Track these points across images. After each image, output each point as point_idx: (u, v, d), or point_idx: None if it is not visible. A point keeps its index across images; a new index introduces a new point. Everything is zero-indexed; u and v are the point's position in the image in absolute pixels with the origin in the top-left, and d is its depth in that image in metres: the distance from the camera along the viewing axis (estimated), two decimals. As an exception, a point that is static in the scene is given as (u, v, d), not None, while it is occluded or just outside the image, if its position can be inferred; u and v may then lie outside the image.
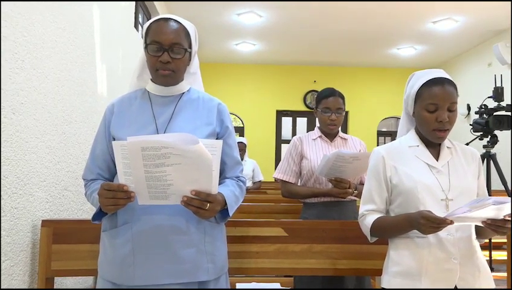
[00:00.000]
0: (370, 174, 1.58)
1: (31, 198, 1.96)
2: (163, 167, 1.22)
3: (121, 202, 1.30)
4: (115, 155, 1.28)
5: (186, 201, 1.28)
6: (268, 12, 5.79)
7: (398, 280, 1.48)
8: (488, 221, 1.33)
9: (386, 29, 6.38)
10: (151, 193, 1.28)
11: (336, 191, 2.29)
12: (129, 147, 1.21)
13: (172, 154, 1.20)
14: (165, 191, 1.27)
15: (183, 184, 1.26)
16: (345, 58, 8.02)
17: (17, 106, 1.82)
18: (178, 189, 1.27)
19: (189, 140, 1.21)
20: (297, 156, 2.45)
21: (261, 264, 2.03)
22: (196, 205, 1.29)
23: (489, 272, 1.51)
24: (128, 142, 1.21)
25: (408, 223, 1.42)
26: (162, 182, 1.25)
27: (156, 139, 1.21)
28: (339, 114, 2.41)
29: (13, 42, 1.79)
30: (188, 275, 1.40)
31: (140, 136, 1.24)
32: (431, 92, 1.48)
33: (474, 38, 6.65)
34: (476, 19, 5.83)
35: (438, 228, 1.33)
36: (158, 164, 1.21)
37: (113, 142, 1.29)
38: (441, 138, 1.50)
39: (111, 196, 1.29)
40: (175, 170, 1.23)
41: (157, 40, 1.43)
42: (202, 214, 1.32)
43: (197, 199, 1.29)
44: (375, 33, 6.53)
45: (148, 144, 1.19)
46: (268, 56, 7.95)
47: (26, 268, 1.93)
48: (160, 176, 1.24)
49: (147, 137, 1.23)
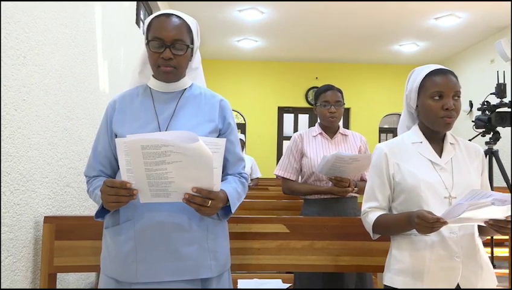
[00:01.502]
0: (372, 171, 1.58)
1: (33, 194, 1.97)
2: (164, 165, 1.22)
3: (123, 199, 1.29)
4: (117, 152, 1.28)
5: (187, 198, 1.28)
6: (270, 8, 5.78)
7: (401, 277, 1.48)
8: (491, 221, 1.33)
9: (388, 26, 6.35)
10: (153, 191, 1.28)
11: (336, 189, 2.29)
12: (129, 145, 1.20)
13: (173, 152, 1.20)
14: (167, 188, 1.27)
15: (184, 181, 1.26)
16: (347, 54, 8.00)
17: (19, 102, 1.82)
18: (179, 186, 1.27)
19: (188, 138, 1.20)
20: (298, 153, 2.45)
21: (262, 261, 2.04)
22: (198, 202, 1.29)
23: (492, 270, 1.51)
24: (128, 140, 1.21)
25: (407, 222, 1.41)
26: (163, 180, 1.25)
27: (155, 137, 1.21)
28: (338, 106, 2.42)
29: (15, 39, 1.79)
30: (190, 272, 1.40)
31: (140, 134, 1.23)
32: (435, 81, 1.47)
33: (477, 34, 6.62)
34: (479, 15, 5.80)
35: (433, 228, 1.32)
36: (158, 161, 1.21)
37: (116, 139, 1.28)
38: (449, 124, 1.47)
39: (113, 193, 1.29)
40: (176, 167, 1.22)
41: (159, 36, 1.42)
42: (204, 211, 1.32)
43: (198, 196, 1.28)
44: (377, 29, 6.51)
45: (148, 142, 1.19)
46: (270, 53, 7.93)
47: (28, 264, 1.94)
48: (161, 173, 1.23)
49: (146, 135, 1.23)
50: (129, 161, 1.25)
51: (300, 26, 6.44)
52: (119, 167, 1.29)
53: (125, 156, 1.26)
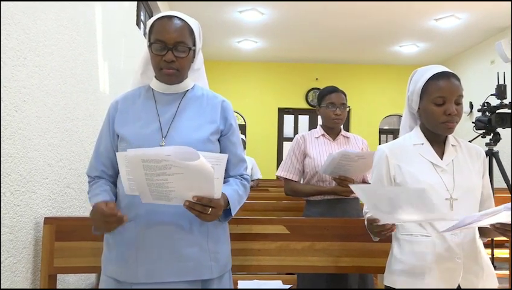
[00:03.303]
0: (374, 172, 1.58)
1: (34, 195, 1.97)
2: (165, 176, 1.22)
3: (113, 226, 1.31)
4: (118, 165, 1.30)
5: (188, 205, 1.29)
6: (270, 9, 5.78)
7: (402, 278, 1.48)
8: (497, 225, 1.33)
9: (389, 27, 6.36)
10: (154, 195, 1.29)
11: (339, 189, 2.29)
12: (129, 159, 1.21)
13: (173, 166, 1.20)
14: (168, 195, 1.28)
15: (185, 191, 1.26)
16: (347, 55, 8.01)
17: (19, 103, 1.82)
18: (180, 194, 1.28)
19: (189, 154, 1.20)
20: (300, 154, 2.45)
21: (263, 262, 2.03)
22: (198, 209, 1.29)
23: (493, 271, 1.50)
24: (129, 155, 1.21)
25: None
26: (164, 188, 1.25)
27: (156, 152, 1.20)
28: (343, 108, 2.43)
29: (15, 40, 1.79)
30: (191, 273, 1.40)
31: (140, 149, 1.23)
32: (438, 85, 1.47)
33: (477, 35, 6.63)
34: (479, 16, 5.80)
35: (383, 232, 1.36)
36: (159, 173, 1.21)
37: (117, 153, 1.30)
38: (451, 129, 1.48)
39: (102, 220, 1.30)
40: (176, 179, 1.22)
41: (161, 38, 1.41)
42: (204, 218, 1.32)
43: (199, 204, 1.29)
44: (378, 30, 6.52)
45: (148, 157, 1.19)
46: (270, 54, 7.94)
47: (28, 265, 1.94)
48: (162, 183, 1.24)
49: (147, 150, 1.22)
50: (129, 171, 1.26)
51: (301, 27, 6.45)
52: (120, 176, 1.31)
53: (126, 167, 1.27)
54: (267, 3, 5.58)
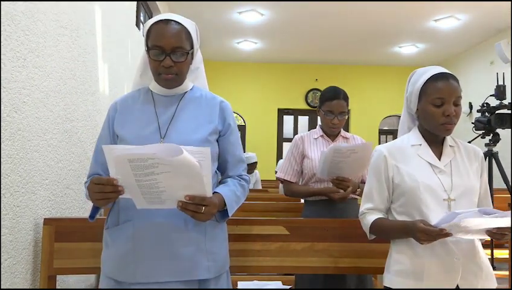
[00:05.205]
0: (371, 172, 1.58)
1: (33, 196, 1.97)
2: (153, 175, 1.22)
3: (110, 196, 1.29)
4: (106, 159, 1.26)
5: (181, 206, 1.29)
6: (270, 10, 5.79)
7: (400, 278, 1.48)
8: (494, 230, 1.33)
9: (388, 28, 6.36)
10: (147, 199, 1.29)
11: (328, 190, 2.29)
12: (116, 159, 1.21)
13: (160, 164, 1.20)
14: (160, 196, 1.28)
15: (176, 190, 1.27)
16: (347, 56, 8.01)
17: (19, 104, 1.83)
18: (172, 195, 1.28)
19: (173, 150, 1.20)
20: (299, 155, 2.45)
21: (262, 263, 2.03)
22: (191, 209, 1.29)
23: (492, 271, 1.51)
24: (115, 155, 1.21)
25: (404, 232, 1.44)
26: (155, 189, 1.25)
27: (140, 151, 1.20)
28: (341, 118, 2.39)
29: (15, 41, 1.79)
30: (187, 273, 1.40)
31: (124, 148, 1.23)
32: (437, 86, 1.47)
33: (476, 36, 6.63)
34: (478, 17, 5.81)
35: (435, 238, 1.34)
36: (147, 173, 1.21)
37: (103, 146, 1.27)
38: (449, 130, 1.48)
39: (99, 190, 1.29)
40: (165, 177, 1.22)
41: (158, 44, 1.41)
42: (199, 217, 1.32)
43: (192, 204, 1.29)
44: (377, 31, 6.52)
45: (133, 156, 1.19)
46: (270, 54, 7.95)
47: (28, 266, 1.94)
48: (152, 183, 1.24)
49: (131, 149, 1.22)
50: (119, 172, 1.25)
51: (300, 28, 6.46)
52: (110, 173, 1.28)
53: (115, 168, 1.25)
54: (267, 4, 5.58)
